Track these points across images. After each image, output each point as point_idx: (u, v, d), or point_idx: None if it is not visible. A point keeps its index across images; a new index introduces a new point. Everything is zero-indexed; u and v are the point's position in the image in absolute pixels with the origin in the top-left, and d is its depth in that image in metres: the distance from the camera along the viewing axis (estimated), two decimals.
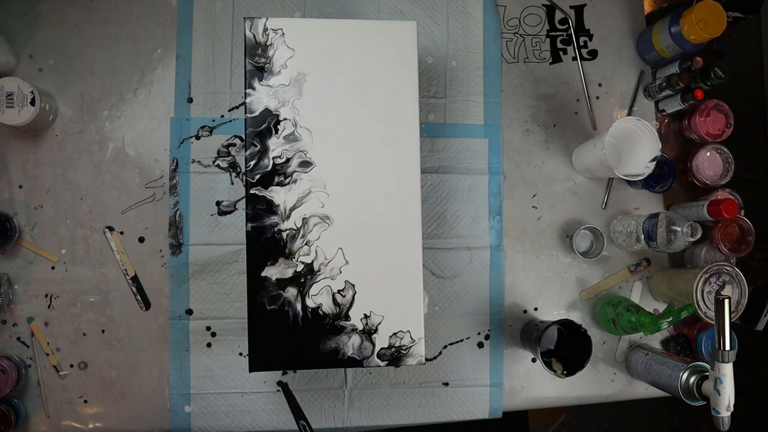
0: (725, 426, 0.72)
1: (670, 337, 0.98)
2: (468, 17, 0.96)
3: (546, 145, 0.98)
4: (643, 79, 1.01)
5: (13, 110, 0.81)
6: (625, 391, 0.98)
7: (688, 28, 0.88)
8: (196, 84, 0.91)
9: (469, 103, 0.96)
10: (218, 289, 0.90)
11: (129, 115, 0.91)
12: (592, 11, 1.00)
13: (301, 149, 0.77)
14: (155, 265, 0.90)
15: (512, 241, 0.96)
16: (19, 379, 0.85)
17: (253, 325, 0.76)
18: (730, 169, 0.96)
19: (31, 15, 0.90)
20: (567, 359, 0.89)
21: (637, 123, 0.87)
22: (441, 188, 0.94)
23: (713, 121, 0.95)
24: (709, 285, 0.86)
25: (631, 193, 0.99)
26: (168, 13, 0.92)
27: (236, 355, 0.90)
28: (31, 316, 0.88)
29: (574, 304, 0.97)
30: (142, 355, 0.89)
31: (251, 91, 0.77)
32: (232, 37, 0.92)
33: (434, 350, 0.93)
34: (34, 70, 0.89)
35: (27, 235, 0.88)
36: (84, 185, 0.90)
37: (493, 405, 0.94)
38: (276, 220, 0.77)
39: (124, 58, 0.91)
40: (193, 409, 0.89)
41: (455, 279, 0.94)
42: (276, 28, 0.77)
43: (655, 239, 0.88)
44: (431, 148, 0.94)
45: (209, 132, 0.91)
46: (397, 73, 0.79)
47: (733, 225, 0.93)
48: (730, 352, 0.71)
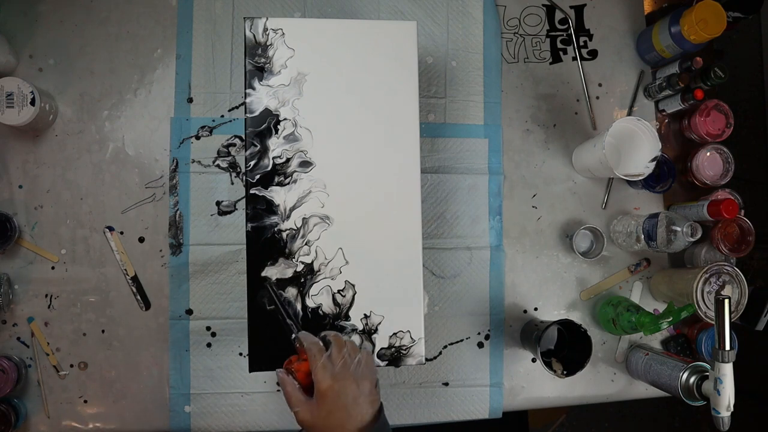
0: (725, 426, 0.72)
1: (670, 337, 0.98)
2: (468, 17, 0.96)
3: (546, 145, 0.98)
4: (643, 79, 1.01)
5: (13, 110, 0.81)
6: (625, 391, 0.98)
7: (688, 28, 0.88)
8: (196, 84, 0.91)
9: (469, 103, 0.96)
10: (218, 289, 0.90)
11: (129, 115, 0.91)
12: (592, 11, 1.00)
13: (301, 149, 0.77)
14: (155, 265, 0.90)
15: (512, 241, 0.96)
16: (19, 379, 0.85)
17: (253, 325, 0.76)
18: (730, 169, 0.96)
19: (31, 15, 0.90)
20: (567, 359, 0.89)
21: (637, 123, 0.88)
22: (441, 188, 0.94)
23: (713, 121, 0.95)
24: (709, 285, 0.86)
25: (631, 193, 0.99)
26: (168, 13, 0.92)
27: (236, 355, 0.90)
28: (31, 316, 0.88)
29: (574, 304, 0.97)
30: (142, 355, 0.89)
31: (251, 91, 0.77)
32: (232, 37, 0.92)
33: (434, 350, 0.93)
34: (34, 70, 0.89)
35: (27, 235, 0.88)
36: (84, 185, 0.90)
37: (493, 405, 0.94)
38: (276, 220, 0.77)
39: (124, 58, 0.91)
40: (193, 409, 0.89)
41: (455, 279, 0.94)
42: (276, 28, 0.77)
43: (655, 239, 0.88)
44: (431, 148, 0.94)
45: (209, 132, 0.91)
46: (397, 73, 0.79)
47: (733, 225, 0.93)
48: (730, 352, 0.71)
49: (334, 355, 0.66)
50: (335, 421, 0.63)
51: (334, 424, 0.63)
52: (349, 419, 0.63)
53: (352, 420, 0.63)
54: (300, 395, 0.65)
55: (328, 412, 0.63)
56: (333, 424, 0.63)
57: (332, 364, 0.65)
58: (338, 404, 0.63)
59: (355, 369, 0.66)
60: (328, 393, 0.63)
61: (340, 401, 0.63)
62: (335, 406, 0.63)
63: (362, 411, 0.64)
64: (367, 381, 0.66)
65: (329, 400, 0.63)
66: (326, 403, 0.63)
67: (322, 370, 0.64)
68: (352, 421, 0.63)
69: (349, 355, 0.67)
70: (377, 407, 0.66)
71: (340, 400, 0.63)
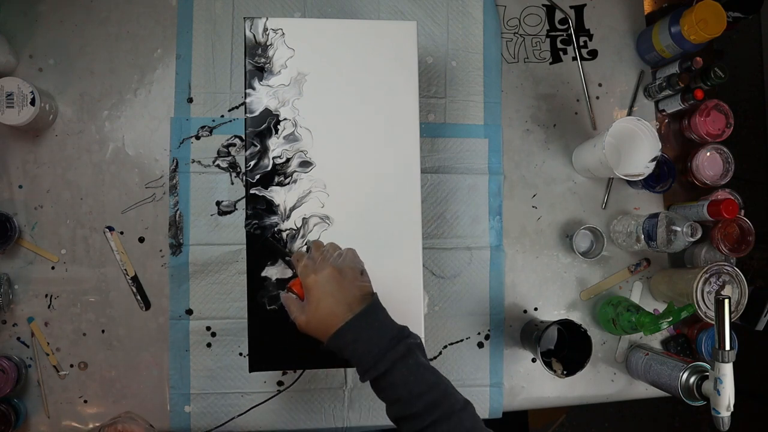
0: (725, 426, 0.72)
1: (670, 337, 0.98)
2: (468, 17, 0.96)
3: (546, 145, 0.98)
4: (643, 79, 1.01)
5: (13, 110, 0.81)
6: (625, 391, 0.98)
7: (688, 28, 0.88)
8: (196, 84, 0.91)
9: (469, 103, 0.96)
10: (218, 289, 0.89)
11: (129, 115, 0.91)
12: (592, 11, 1.00)
13: (301, 149, 0.77)
14: (155, 265, 0.90)
15: (512, 241, 0.96)
16: (19, 379, 0.85)
17: (253, 325, 0.76)
18: (730, 169, 0.96)
19: (31, 15, 0.90)
20: (567, 359, 0.89)
21: (637, 123, 0.88)
22: (441, 188, 0.94)
23: (713, 121, 0.95)
24: (709, 285, 0.86)
25: (631, 193, 0.99)
26: (168, 13, 0.92)
27: (236, 355, 0.90)
28: (31, 316, 0.88)
29: (574, 304, 0.97)
30: (142, 355, 0.89)
31: (251, 91, 0.77)
32: (232, 37, 0.92)
33: (434, 350, 0.93)
34: (34, 70, 0.89)
35: (27, 235, 0.88)
36: (84, 185, 0.90)
37: (493, 405, 0.94)
38: (276, 220, 0.77)
39: (124, 58, 0.91)
40: (193, 409, 0.89)
41: (455, 279, 0.94)
42: (276, 28, 0.77)
43: (655, 239, 0.88)
44: (431, 148, 0.94)
45: (209, 132, 0.91)
46: (397, 73, 0.79)
47: (733, 225, 0.93)
48: (730, 352, 0.71)
49: (313, 254, 0.70)
50: (324, 309, 0.64)
51: (324, 313, 0.64)
52: (338, 304, 0.64)
53: (340, 305, 0.64)
54: (297, 303, 0.68)
55: (317, 303, 0.64)
56: (323, 313, 0.64)
57: (312, 261, 0.68)
58: (324, 292, 0.64)
59: (335, 260, 0.68)
60: (312, 285, 0.65)
61: (325, 289, 0.65)
62: (321, 294, 0.65)
63: (349, 295, 0.65)
64: (349, 269, 0.67)
65: (315, 292, 0.65)
66: (312, 295, 0.65)
67: (304, 269, 0.67)
68: (341, 306, 0.64)
69: (328, 251, 0.70)
70: (366, 292, 0.67)
71: (325, 288, 0.65)
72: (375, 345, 0.62)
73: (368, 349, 0.62)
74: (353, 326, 0.63)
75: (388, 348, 0.62)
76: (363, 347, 0.62)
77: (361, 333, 0.63)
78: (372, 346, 0.62)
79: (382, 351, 0.61)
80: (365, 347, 0.62)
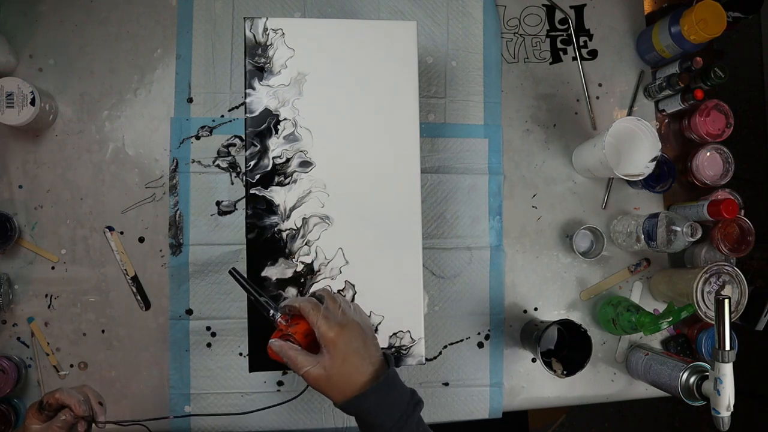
0: (725, 426, 0.72)
1: (670, 337, 0.98)
2: (468, 17, 0.96)
3: (546, 145, 0.98)
4: (643, 79, 1.01)
5: (13, 110, 0.81)
6: (625, 391, 0.98)
7: (688, 28, 0.88)
8: (196, 84, 0.91)
9: (469, 103, 0.96)
10: (218, 289, 0.89)
11: (129, 115, 0.91)
12: (592, 11, 1.00)
13: (301, 149, 0.77)
14: (155, 265, 0.90)
15: (512, 241, 0.96)
16: (19, 379, 0.85)
17: (253, 325, 0.76)
18: (730, 169, 0.96)
19: (31, 15, 0.90)
20: (567, 359, 0.89)
21: (637, 123, 0.88)
22: (441, 188, 0.94)
23: (713, 121, 0.95)
24: (709, 285, 0.86)
25: (631, 193, 0.99)
26: (168, 13, 0.92)
27: (236, 355, 0.90)
28: (31, 316, 0.88)
29: (574, 304, 0.97)
30: (142, 355, 0.89)
31: (251, 91, 0.77)
32: (232, 37, 0.92)
33: (434, 350, 0.93)
34: (34, 70, 0.89)
35: (27, 235, 0.88)
36: (84, 185, 0.90)
37: (493, 405, 0.94)
38: (276, 220, 0.77)
39: (124, 58, 0.91)
40: (193, 409, 0.89)
41: (455, 279, 0.94)
42: (276, 28, 0.77)
43: (655, 239, 0.88)
44: (431, 148, 0.94)
45: (209, 132, 0.91)
46: (397, 73, 0.79)
47: (733, 225, 0.93)
48: (730, 352, 0.71)
49: (331, 306, 0.66)
50: (350, 366, 0.62)
51: (350, 371, 0.62)
52: (364, 363, 0.63)
53: (365, 362, 0.63)
54: (306, 355, 0.63)
55: (343, 359, 0.62)
56: (349, 370, 0.62)
57: (332, 313, 0.65)
58: (351, 349, 0.62)
59: (353, 314, 0.66)
60: (338, 340, 0.62)
61: (351, 345, 0.63)
62: (348, 351, 0.62)
63: (373, 354, 0.64)
64: (368, 326, 0.67)
65: (341, 347, 0.62)
66: (338, 350, 0.62)
67: (325, 321, 0.63)
68: (366, 365, 0.63)
69: (344, 302, 0.68)
70: (381, 351, 0.67)
71: (352, 344, 0.63)
72: (397, 410, 0.62)
73: (390, 414, 0.62)
74: (379, 390, 0.62)
75: (408, 414, 0.63)
76: (386, 411, 0.62)
77: (385, 397, 0.63)
78: (394, 411, 0.62)
79: (404, 416, 0.62)
80: (388, 411, 0.62)
